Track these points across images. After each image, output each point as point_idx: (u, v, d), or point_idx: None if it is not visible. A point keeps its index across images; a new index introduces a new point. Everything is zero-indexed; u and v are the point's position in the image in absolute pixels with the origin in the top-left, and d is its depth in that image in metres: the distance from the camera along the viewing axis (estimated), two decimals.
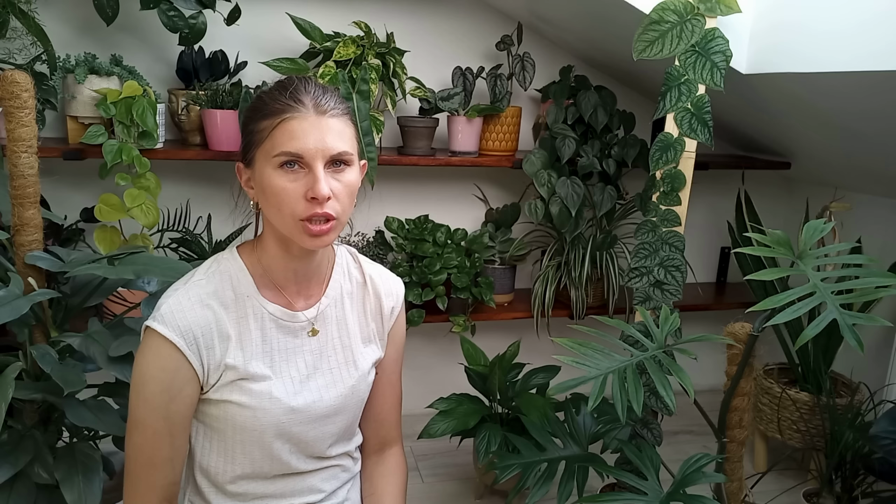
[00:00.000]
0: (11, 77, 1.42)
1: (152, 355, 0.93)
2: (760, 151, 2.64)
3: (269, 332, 0.99)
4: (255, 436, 0.99)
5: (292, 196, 0.89)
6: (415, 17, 2.33)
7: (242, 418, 0.97)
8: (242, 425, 0.98)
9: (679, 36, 1.72)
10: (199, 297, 0.95)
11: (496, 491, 2.21)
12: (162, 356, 0.93)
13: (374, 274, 1.14)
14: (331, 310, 1.06)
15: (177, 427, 0.95)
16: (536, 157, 2.22)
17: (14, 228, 1.49)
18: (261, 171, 0.92)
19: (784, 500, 2.13)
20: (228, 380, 0.96)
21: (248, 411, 0.97)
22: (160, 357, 0.93)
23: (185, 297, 0.95)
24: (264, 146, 0.91)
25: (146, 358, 0.94)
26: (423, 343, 2.64)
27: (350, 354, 1.08)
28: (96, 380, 1.62)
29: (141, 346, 0.94)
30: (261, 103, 0.93)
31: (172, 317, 0.93)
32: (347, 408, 1.08)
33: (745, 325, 1.45)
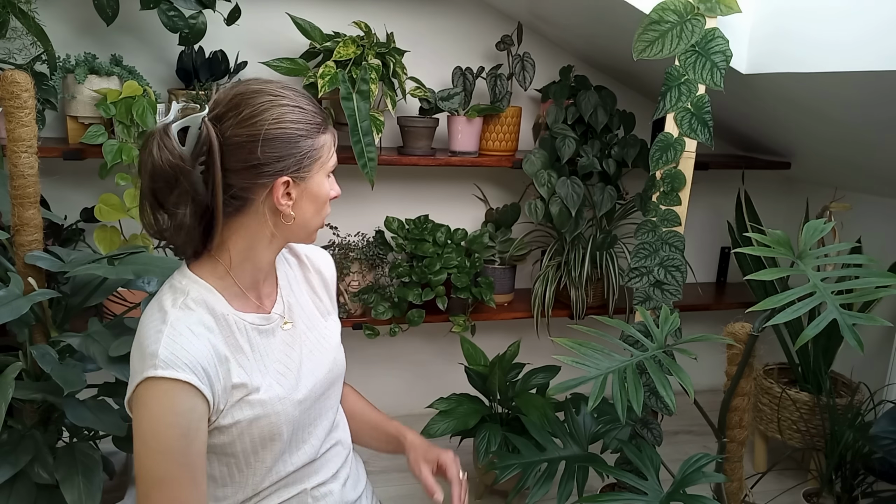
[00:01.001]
0: (11, 77, 1.42)
1: (163, 404, 0.88)
2: (760, 151, 2.64)
3: (255, 341, 1.00)
4: (270, 442, 0.99)
5: (330, 199, 1.01)
6: (415, 17, 2.33)
7: (259, 429, 0.97)
8: (260, 436, 0.97)
9: (679, 36, 1.72)
10: (188, 329, 0.91)
11: (496, 491, 2.20)
12: (176, 401, 0.88)
13: (306, 251, 1.18)
14: (290, 299, 1.09)
15: (198, 471, 0.91)
16: (536, 157, 2.22)
17: (14, 228, 1.49)
18: (317, 183, 0.97)
19: (784, 500, 2.13)
20: (235, 399, 0.95)
21: (263, 420, 0.97)
22: (174, 402, 0.88)
23: (176, 333, 0.90)
24: (323, 159, 0.97)
25: (155, 410, 0.88)
26: (423, 343, 2.64)
27: (318, 334, 1.11)
28: (96, 380, 1.62)
29: (143, 401, 0.88)
30: (310, 117, 0.95)
31: (175, 357, 0.88)
32: (336, 380, 1.13)
33: (745, 325, 1.45)
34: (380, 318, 2.21)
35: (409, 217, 2.34)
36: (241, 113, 0.91)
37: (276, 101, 0.92)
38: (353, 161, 2.00)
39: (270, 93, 0.93)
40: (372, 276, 2.29)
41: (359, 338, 2.43)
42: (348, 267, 2.23)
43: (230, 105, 0.92)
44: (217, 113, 0.92)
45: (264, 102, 0.92)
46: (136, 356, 0.90)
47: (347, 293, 2.25)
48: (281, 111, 0.92)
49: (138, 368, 0.88)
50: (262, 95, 0.92)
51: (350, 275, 2.24)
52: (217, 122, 0.91)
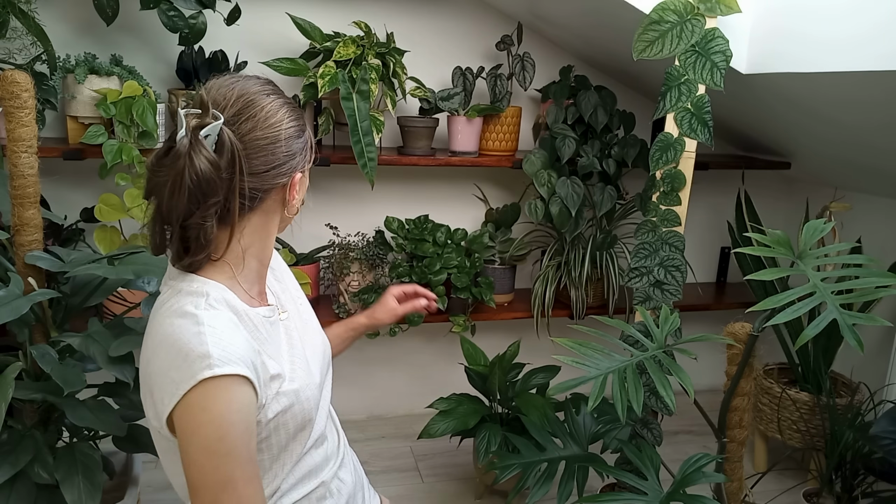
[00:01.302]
0: (11, 77, 1.42)
1: (225, 403, 0.84)
2: (760, 151, 2.64)
3: (270, 333, 1.00)
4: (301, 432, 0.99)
5: None
6: (415, 17, 2.34)
7: (293, 418, 0.96)
8: (294, 426, 0.97)
9: (679, 36, 1.72)
10: (225, 326, 0.88)
11: (496, 491, 2.21)
12: (235, 397, 0.85)
13: None
14: (275, 289, 1.10)
15: (256, 465, 0.88)
16: (536, 157, 2.22)
17: (14, 228, 1.49)
18: (306, 173, 1.00)
19: (784, 500, 2.13)
20: (273, 392, 0.94)
21: (296, 408, 0.96)
22: (235, 398, 0.84)
23: (217, 331, 0.86)
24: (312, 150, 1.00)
25: (217, 411, 0.83)
26: (423, 343, 2.64)
27: (303, 320, 1.12)
28: (96, 380, 1.62)
29: (201, 406, 0.83)
30: (298, 111, 0.96)
31: (227, 353, 0.84)
32: (330, 363, 1.15)
33: (745, 325, 1.45)
34: None
35: (409, 217, 2.34)
36: (257, 115, 0.89)
37: (279, 99, 0.93)
38: (353, 161, 2.00)
39: (271, 91, 0.93)
40: (372, 276, 2.29)
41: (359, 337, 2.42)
42: (348, 267, 2.23)
43: (240, 107, 0.89)
44: (228, 117, 0.89)
45: (273, 102, 0.91)
46: (178, 364, 0.84)
47: (347, 293, 2.25)
48: (286, 109, 0.93)
49: (186, 375, 0.83)
50: (268, 95, 0.91)
51: (350, 275, 2.24)
52: (231, 125, 0.88)
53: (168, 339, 0.86)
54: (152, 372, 0.87)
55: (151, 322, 0.91)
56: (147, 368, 0.89)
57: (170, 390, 0.84)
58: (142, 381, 0.91)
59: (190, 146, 0.84)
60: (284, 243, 2.25)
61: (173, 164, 0.84)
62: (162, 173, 0.85)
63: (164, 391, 0.85)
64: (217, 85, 0.91)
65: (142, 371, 0.91)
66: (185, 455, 0.84)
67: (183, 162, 0.83)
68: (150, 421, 0.90)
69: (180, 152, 0.84)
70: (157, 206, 0.88)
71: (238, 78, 0.93)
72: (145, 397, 0.91)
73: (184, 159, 0.83)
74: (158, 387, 0.86)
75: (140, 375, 0.92)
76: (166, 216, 0.87)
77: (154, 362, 0.87)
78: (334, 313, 2.26)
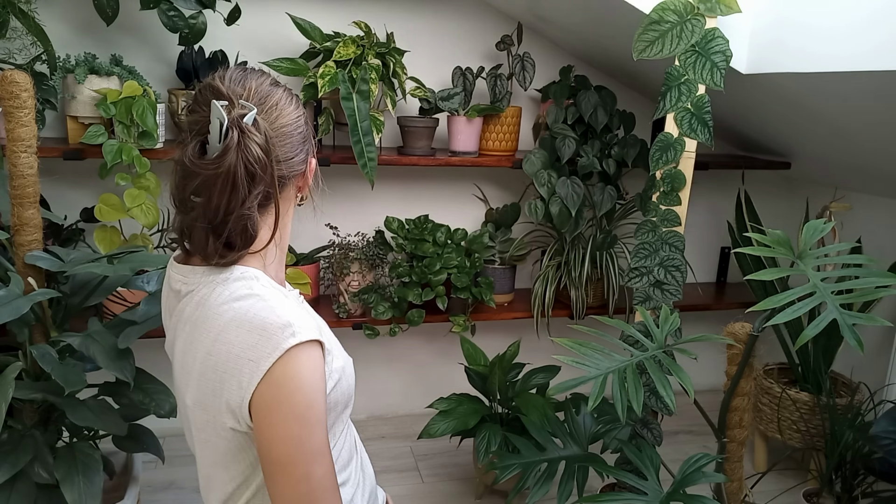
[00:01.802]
0: (11, 77, 1.42)
1: (313, 369, 0.83)
2: (760, 151, 2.64)
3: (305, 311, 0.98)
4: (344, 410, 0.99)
5: None
6: (415, 17, 2.33)
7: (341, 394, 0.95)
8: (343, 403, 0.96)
9: (679, 36, 1.72)
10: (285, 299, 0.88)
11: (496, 491, 2.21)
12: (317, 364, 0.85)
13: None
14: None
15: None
16: (536, 157, 2.22)
17: (14, 228, 1.49)
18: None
19: (784, 500, 2.13)
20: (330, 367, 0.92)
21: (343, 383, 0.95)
22: (317, 364, 0.84)
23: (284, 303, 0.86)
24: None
25: (307, 378, 0.82)
26: (423, 343, 2.64)
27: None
28: (96, 380, 1.62)
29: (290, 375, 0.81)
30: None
31: (302, 320, 0.84)
32: None
33: (745, 325, 1.45)
34: (380, 318, 2.21)
35: (409, 217, 2.34)
36: (277, 105, 0.90)
37: (281, 88, 0.94)
38: (353, 161, 2.00)
39: (273, 81, 0.94)
40: (372, 276, 2.29)
41: (359, 338, 2.43)
42: (348, 267, 2.23)
43: (260, 97, 0.89)
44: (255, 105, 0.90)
45: (282, 92, 0.93)
46: (255, 342, 0.81)
47: (347, 293, 2.25)
48: (292, 97, 0.94)
49: (268, 349, 0.80)
50: (273, 85, 0.92)
51: (350, 275, 2.24)
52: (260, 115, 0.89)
53: (234, 322, 0.83)
54: (218, 364, 0.84)
55: (198, 320, 0.88)
56: (205, 364, 0.85)
57: (248, 371, 0.81)
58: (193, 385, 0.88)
59: (241, 135, 0.83)
60: None
61: (223, 158, 0.82)
62: (210, 168, 0.83)
63: (240, 376, 0.81)
64: (229, 78, 0.90)
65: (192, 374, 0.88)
66: (271, 432, 0.81)
67: (235, 153, 0.82)
68: (215, 422, 0.86)
69: (230, 145, 0.82)
70: (203, 204, 0.85)
71: (242, 70, 0.93)
72: (200, 404, 0.87)
73: (235, 150, 0.82)
74: (232, 374, 0.82)
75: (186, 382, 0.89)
76: (214, 213, 0.85)
77: (219, 352, 0.84)
78: (334, 313, 2.26)
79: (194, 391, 0.88)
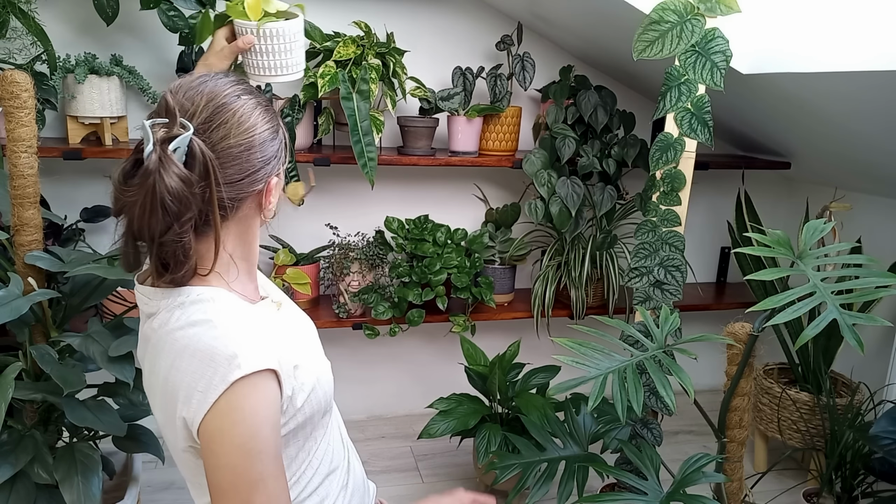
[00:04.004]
0: (11, 77, 1.42)
1: (256, 399, 0.81)
2: (760, 151, 2.64)
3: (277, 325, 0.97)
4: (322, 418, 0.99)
5: None
6: (415, 17, 2.33)
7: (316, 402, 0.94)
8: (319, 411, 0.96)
9: (679, 36, 1.72)
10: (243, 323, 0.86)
11: (496, 491, 2.20)
12: (266, 393, 0.83)
13: None
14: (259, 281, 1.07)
15: (282, 462, 0.87)
16: (536, 157, 2.22)
17: (14, 228, 1.49)
18: (282, 176, 0.96)
19: (784, 500, 2.13)
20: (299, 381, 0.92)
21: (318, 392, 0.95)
22: (265, 394, 0.82)
23: (236, 329, 0.84)
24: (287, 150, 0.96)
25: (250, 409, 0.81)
26: (423, 343, 2.64)
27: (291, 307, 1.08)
28: (96, 380, 1.62)
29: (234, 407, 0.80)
30: (268, 105, 0.91)
31: (251, 350, 0.82)
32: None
33: (745, 325, 1.45)
34: (380, 318, 2.21)
35: (409, 217, 2.34)
36: (229, 121, 0.84)
37: (252, 99, 0.88)
38: (353, 161, 2.00)
39: (242, 91, 0.87)
40: (372, 276, 2.29)
41: (359, 338, 2.43)
42: (348, 267, 2.23)
43: (210, 112, 0.84)
44: (197, 125, 0.83)
45: (246, 103, 0.86)
46: (203, 372, 0.80)
47: (347, 293, 2.25)
48: (260, 110, 0.88)
49: (215, 381, 0.80)
50: (239, 97, 0.86)
51: (350, 275, 2.24)
52: (201, 134, 0.83)
53: (186, 350, 0.82)
54: (171, 391, 0.83)
55: (157, 345, 0.87)
56: (164, 389, 0.85)
57: (197, 401, 0.80)
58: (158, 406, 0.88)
59: (159, 163, 0.78)
60: (284, 243, 2.25)
61: (143, 183, 0.78)
62: (131, 192, 0.79)
63: (192, 405, 0.81)
64: (184, 87, 0.85)
65: (156, 396, 0.87)
66: (214, 459, 0.81)
67: (152, 180, 0.78)
68: (177, 443, 0.86)
69: (149, 169, 0.78)
70: (128, 223, 0.82)
71: (206, 77, 0.87)
72: (166, 425, 0.87)
73: (153, 177, 0.78)
74: (185, 402, 0.82)
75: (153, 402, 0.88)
76: (138, 234, 0.82)
77: (173, 380, 0.83)
78: (334, 313, 2.26)
79: (160, 412, 0.89)
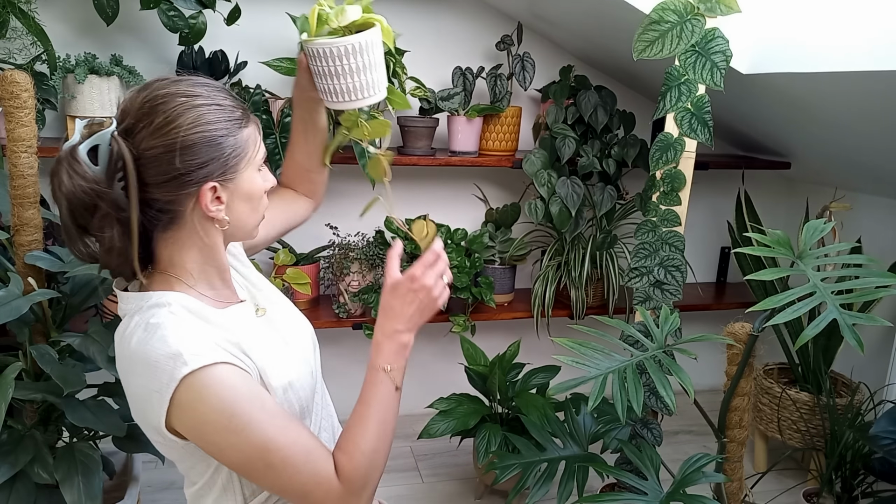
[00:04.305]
0: (11, 77, 1.42)
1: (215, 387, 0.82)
2: (760, 151, 2.64)
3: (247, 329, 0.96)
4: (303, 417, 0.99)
5: (265, 192, 0.95)
6: (415, 17, 2.33)
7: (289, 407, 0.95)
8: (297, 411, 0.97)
9: (679, 36, 1.72)
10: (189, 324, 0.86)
11: (496, 491, 2.20)
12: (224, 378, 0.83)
13: None
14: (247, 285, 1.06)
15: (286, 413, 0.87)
16: (536, 157, 2.22)
17: (14, 228, 1.49)
18: (248, 180, 0.91)
19: (784, 500, 2.13)
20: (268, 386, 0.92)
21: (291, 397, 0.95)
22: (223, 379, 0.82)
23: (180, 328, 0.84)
24: (252, 154, 0.91)
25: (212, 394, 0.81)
26: (423, 343, 2.63)
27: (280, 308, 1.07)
28: (96, 380, 1.62)
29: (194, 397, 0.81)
30: (229, 113, 0.88)
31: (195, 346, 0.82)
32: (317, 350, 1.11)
33: (745, 325, 1.45)
34: None
35: (409, 217, 2.34)
36: (154, 122, 0.83)
37: (189, 103, 0.85)
38: (354, 161, 2.00)
39: (182, 93, 0.85)
40: (372, 276, 2.29)
41: (359, 338, 2.43)
42: (348, 267, 2.23)
43: (140, 114, 0.84)
44: (127, 125, 0.84)
45: (177, 106, 0.84)
46: (153, 374, 0.82)
47: (347, 293, 2.25)
48: (197, 113, 0.85)
49: (165, 380, 0.81)
50: (174, 98, 0.84)
51: (350, 275, 2.24)
52: (128, 134, 0.84)
53: (136, 356, 0.84)
54: (134, 395, 0.86)
55: (117, 351, 0.89)
56: (130, 394, 0.87)
57: (156, 402, 0.82)
58: (132, 409, 0.90)
59: (65, 159, 0.82)
60: (284, 243, 2.25)
61: (53, 175, 0.83)
62: (52, 182, 0.84)
63: (152, 407, 0.83)
64: (142, 88, 0.87)
65: (129, 396, 0.89)
66: (210, 448, 0.83)
67: (58, 174, 0.82)
68: (155, 438, 0.88)
69: (56, 164, 0.83)
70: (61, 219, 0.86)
71: (165, 82, 0.87)
72: (140, 423, 0.89)
73: (58, 171, 0.82)
74: (145, 405, 0.84)
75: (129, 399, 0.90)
76: (63, 223, 0.86)
77: (132, 385, 0.86)
78: (334, 313, 2.26)
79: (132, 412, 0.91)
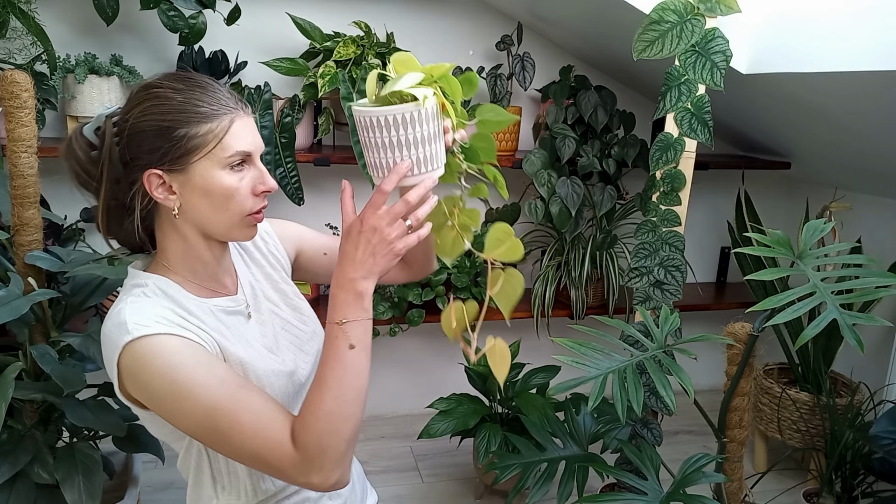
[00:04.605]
0: (11, 77, 1.42)
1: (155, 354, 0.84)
2: (760, 151, 2.64)
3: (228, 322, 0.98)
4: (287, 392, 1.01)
5: (243, 194, 0.93)
6: (415, 17, 2.33)
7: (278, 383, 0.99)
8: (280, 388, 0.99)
9: (679, 36, 1.72)
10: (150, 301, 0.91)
11: (496, 491, 2.20)
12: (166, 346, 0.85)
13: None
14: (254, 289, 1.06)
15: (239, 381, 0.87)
16: (536, 157, 2.22)
17: (14, 228, 1.49)
18: (204, 175, 0.90)
19: (784, 500, 2.13)
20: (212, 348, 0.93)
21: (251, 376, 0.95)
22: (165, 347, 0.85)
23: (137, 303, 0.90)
24: (212, 150, 0.90)
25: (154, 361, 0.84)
26: (423, 343, 2.63)
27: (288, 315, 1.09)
28: (96, 380, 1.62)
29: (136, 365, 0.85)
30: (189, 107, 0.89)
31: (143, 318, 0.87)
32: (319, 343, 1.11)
33: (745, 325, 1.45)
34: (380, 318, 2.21)
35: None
36: (126, 108, 0.92)
37: (150, 94, 0.90)
38: (354, 161, 2.00)
39: (158, 85, 0.91)
40: None
41: None
42: None
43: (126, 101, 0.94)
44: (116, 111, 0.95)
45: (139, 97, 0.91)
46: (108, 344, 0.88)
47: None
48: (154, 103, 0.89)
49: (111, 346, 0.87)
50: (148, 89, 0.91)
51: None
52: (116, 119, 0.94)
53: (103, 332, 0.91)
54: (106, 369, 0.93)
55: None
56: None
57: (111, 371, 0.89)
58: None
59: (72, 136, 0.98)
60: None
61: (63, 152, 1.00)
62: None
63: (112, 377, 0.89)
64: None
65: None
66: (164, 415, 0.88)
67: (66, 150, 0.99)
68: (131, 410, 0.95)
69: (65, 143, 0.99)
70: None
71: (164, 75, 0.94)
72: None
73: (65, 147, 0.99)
74: (110, 377, 0.90)
75: None
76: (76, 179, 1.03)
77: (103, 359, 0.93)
78: None
79: None
